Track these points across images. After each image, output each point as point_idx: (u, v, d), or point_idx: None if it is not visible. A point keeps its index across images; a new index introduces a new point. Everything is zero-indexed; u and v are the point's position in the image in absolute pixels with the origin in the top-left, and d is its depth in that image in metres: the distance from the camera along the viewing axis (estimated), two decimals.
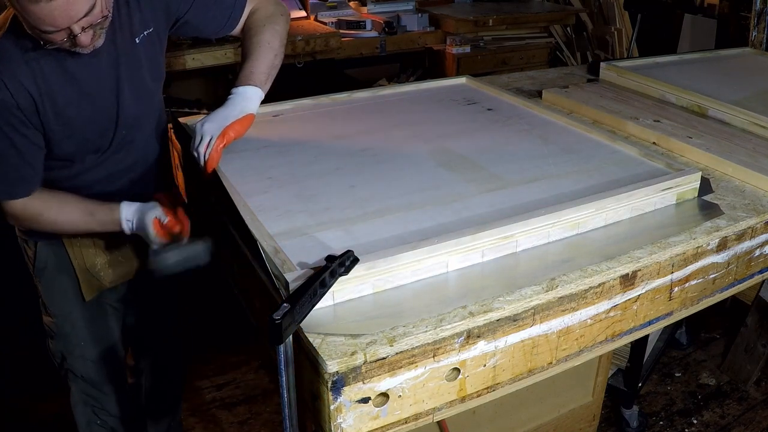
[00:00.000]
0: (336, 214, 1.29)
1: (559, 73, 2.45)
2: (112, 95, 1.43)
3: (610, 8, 4.06)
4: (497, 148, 1.60)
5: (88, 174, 1.51)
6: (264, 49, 1.52)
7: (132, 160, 1.56)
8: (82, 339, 1.70)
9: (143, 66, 1.48)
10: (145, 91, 1.51)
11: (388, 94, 2.01)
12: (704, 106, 1.87)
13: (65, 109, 1.36)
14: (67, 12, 1.18)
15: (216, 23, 1.58)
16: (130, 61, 1.44)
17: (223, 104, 1.45)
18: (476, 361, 1.05)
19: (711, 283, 1.34)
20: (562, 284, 1.10)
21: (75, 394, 1.76)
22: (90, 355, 1.72)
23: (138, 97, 1.49)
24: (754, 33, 2.85)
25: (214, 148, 1.37)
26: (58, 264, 1.64)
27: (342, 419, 0.96)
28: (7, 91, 1.28)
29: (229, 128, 1.41)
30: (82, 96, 1.38)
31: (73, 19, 1.20)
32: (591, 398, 2.19)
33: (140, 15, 1.44)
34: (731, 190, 1.47)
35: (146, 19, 1.46)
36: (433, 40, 3.75)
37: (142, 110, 1.52)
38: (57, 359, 1.73)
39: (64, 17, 1.18)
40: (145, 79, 1.50)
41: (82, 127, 1.41)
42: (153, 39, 1.49)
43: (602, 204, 1.28)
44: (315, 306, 1.00)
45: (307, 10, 3.69)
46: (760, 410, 2.57)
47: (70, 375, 1.74)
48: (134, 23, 1.43)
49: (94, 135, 1.45)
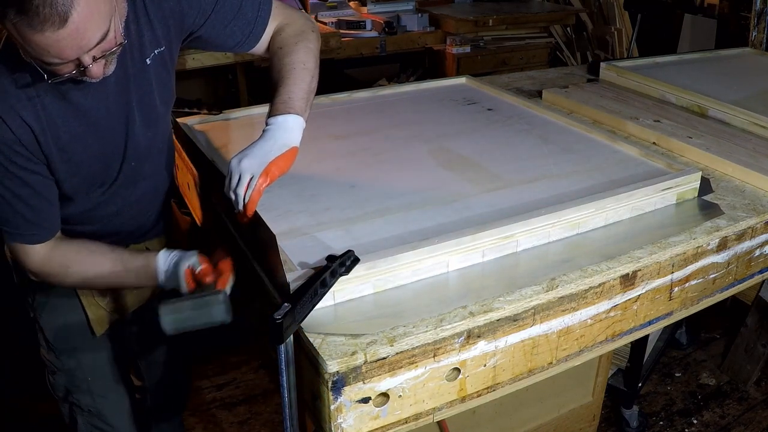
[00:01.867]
0: (336, 214, 1.29)
1: (559, 73, 2.45)
2: (122, 125, 1.27)
3: (610, 8, 4.06)
4: (497, 148, 1.60)
5: (95, 211, 1.36)
6: (299, 71, 1.31)
7: (141, 193, 1.40)
8: (89, 374, 1.55)
9: (154, 89, 1.31)
10: (156, 117, 1.34)
11: (388, 94, 2.01)
12: (704, 106, 1.87)
13: (69, 145, 1.20)
14: (76, 42, 1.00)
15: (233, 40, 1.38)
16: (140, 85, 1.27)
17: (261, 137, 1.23)
18: (476, 361, 1.05)
19: (711, 283, 1.34)
20: (563, 284, 1.10)
21: (82, 426, 1.60)
22: (98, 390, 1.57)
23: (148, 124, 1.32)
24: (754, 33, 2.85)
25: (255, 189, 1.17)
26: (62, 302, 1.48)
27: (342, 419, 0.96)
28: (7, 127, 1.12)
29: (272, 164, 1.19)
30: (88, 129, 1.22)
31: (84, 49, 1.02)
32: (591, 398, 2.19)
33: (151, 33, 1.26)
34: (731, 190, 1.47)
35: (158, 38, 1.27)
36: (433, 40, 3.75)
37: (152, 139, 1.35)
38: (60, 392, 1.58)
39: (73, 47, 1.01)
40: (156, 104, 1.33)
41: (88, 162, 1.25)
42: (165, 58, 1.31)
43: (602, 204, 1.28)
44: (315, 306, 1.00)
45: (307, 10, 3.68)
46: (760, 410, 2.57)
47: (76, 408, 1.58)
48: (145, 43, 1.25)
49: (101, 169, 1.29)
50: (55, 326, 1.50)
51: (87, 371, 1.55)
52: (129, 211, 1.41)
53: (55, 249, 1.26)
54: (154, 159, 1.39)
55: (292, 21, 1.41)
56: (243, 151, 1.21)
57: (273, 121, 1.25)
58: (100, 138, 1.24)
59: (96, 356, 1.55)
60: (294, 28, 1.39)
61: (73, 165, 1.22)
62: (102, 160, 1.27)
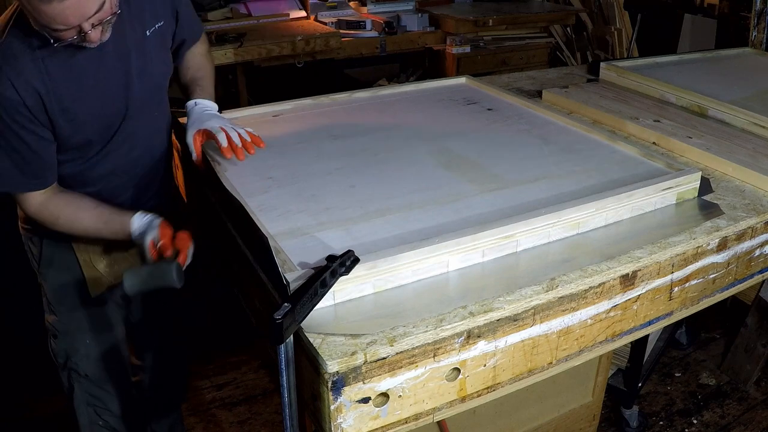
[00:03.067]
0: (336, 214, 1.29)
1: (559, 73, 2.45)
2: (121, 88, 1.45)
3: (610, 8, 4.06)
4: (497, 148, 1.60)
5: (93, 170, 1.51)
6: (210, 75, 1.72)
7: (137, 154, 1.56)
8: (87, 337, 1.69)
9: (153, 59, 1.51)
10: (154, 84, 1.54)
11: (388, 94, 2.01)
12: (704, 106, 1.87)
13: (72, 105, 1.37)
14: (78, 10, 1.21)
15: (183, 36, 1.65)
16: (140, 54, 1.46)
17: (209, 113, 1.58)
18: (476, 361, 1.05)
19: (711, 283, 1.34)
20: (563, 284, 1.10)
21: (78, 394, 1.73)
22: (94, 354, 1.70)
23: (146, 90, 1.51)
24: (754, 33, 2.85)
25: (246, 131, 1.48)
26: (63, 261, 1.63)
27: (342, 419, 0.96)
28: (14, 89, 1.29)
29: None
30: (89, 91, 1.39)
31: (84, 17, 1.23)
32: (591, 398, 2.19)
33: (152, 7, 1.48)
34: (731, 190, 1.47)
35: (157, 13, 1.50)
36: (433, 40, 3.75)
37: (149, 103, 1.54)
38: (60, 359, 1.71)
39: (76, 15, 1.21)
40: (154, 73, 1.53)
41: (90, 122, 1.42)
42: (164, 31, 1.53)
43: (602, 204, 1.28)
44: (316, 306, 1.00)
45: (307, 10, 3.69)
46: (760, 410, 2.57)
47: (74, 374, 1.72)
48: (145, 16, 1.46)
49: (102, 128, 1.46)
50: (56, 284, 1.65)
51: (85, 333, 1.68)
52: (124, 174, 1.56)
53: (49, 200, 1.45)
54: (149, 122, 1.57)
55: (203, 41, 1.74)
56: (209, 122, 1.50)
57: (211, 105, 1.61)
58: (99, 98, 1.42)
59: (94, 319, 1.68)
60: (204, 47, 1.74)
61: (76, 124, 1.40)
62: (102, 120, 1.45)
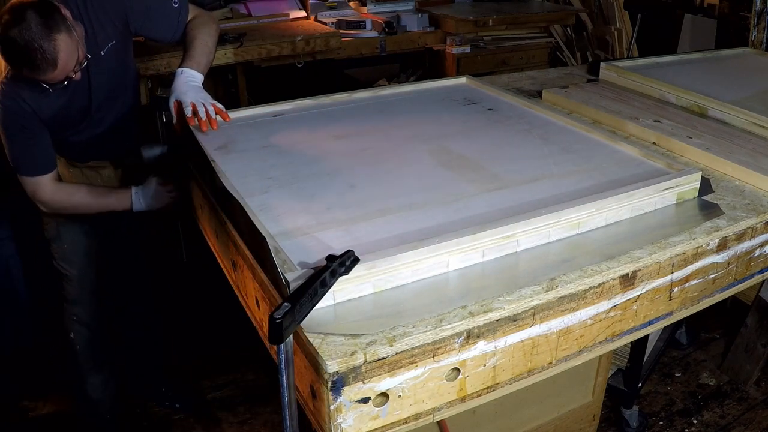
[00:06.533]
0: (336, 214, 1.29)
1: (559, 73, 2.45)
2: (85, 95, 1.85)
3: (610, 8, 4.06)
4: (497, 148, 1.60)
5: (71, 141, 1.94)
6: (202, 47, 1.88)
7: (108, 124, 1.96)
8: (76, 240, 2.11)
9: (112, 68, 1.88)
10: (116, 83, 1.92)
11: (388, 94, 2.01)
12: (704, 106, 1.87)
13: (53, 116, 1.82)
14: (65, 71, 1.64)
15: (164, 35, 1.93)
16: (98, 68, 1.83)
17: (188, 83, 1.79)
18: (476, 361, 1.05)
19: (711, 283, 1.34)
20: (562, 284, 1.10)
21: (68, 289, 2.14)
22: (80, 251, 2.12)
23: (109, 90, 1.90)
24: (754, 33, 2.85)
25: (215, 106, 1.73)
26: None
27: (342, 419, 0.96)
28: (27, 104, 1.75)
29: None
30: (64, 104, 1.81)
31: (69, 72, 1.66)
32: (591, 398, 2.19)
33: (103, 33, 1.81)
34: (731, 190, 1.47)
35: (108, 35, 1.82)
36: (433, 40, 3.75)
37: (112, 97, 1.92)
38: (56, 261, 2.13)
39: (63, 74, 1.65)
40: (114, 77, 1.90)
41: (65, 122, 1.86)
42: (118, 48, 1.86)
43: (602, 204, 1.28)
44: (315, 305, 1.00)
45: (307, 10, 3.69)
46: (760, 410, 2.57)
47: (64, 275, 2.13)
48: (98, 41, 1.80)
49: (74, 122, 1.89)
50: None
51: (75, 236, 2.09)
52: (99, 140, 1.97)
53: (59, 186, 1.91)
54: (116, 104, 1.96)
55: (199, 14, 1.96)
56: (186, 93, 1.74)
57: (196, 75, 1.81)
58: (70, 107, 1.85)
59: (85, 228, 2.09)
60: (200, 20, 1.93)
61: (55, 124, 1.84)
62: (74, 118, 1.89)
